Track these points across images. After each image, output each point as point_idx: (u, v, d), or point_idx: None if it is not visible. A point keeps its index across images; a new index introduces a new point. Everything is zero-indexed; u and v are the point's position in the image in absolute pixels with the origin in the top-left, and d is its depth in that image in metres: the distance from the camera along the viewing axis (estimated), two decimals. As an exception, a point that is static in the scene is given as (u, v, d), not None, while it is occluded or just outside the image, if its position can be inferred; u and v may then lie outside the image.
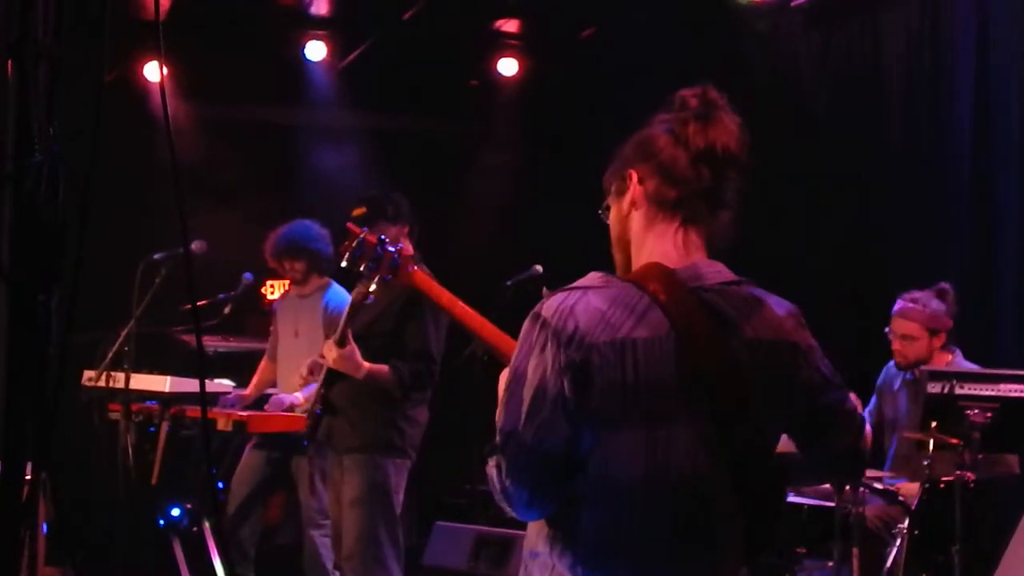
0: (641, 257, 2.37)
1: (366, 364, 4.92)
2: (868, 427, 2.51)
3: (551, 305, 2.25)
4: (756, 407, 2.27)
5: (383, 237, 3.50)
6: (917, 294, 5.59)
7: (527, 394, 2.22)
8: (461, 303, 3.29)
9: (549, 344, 2.21)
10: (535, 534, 2.33)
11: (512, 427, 2.23)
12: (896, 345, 5.59)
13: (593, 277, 2.30)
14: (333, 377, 5.01)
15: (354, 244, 3.48)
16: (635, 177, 2.36)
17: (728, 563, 2.30)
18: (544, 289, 2.36)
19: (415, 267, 3.52)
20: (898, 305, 5.60)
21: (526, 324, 2.28)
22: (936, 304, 5.55)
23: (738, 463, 2.25)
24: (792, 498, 5.35)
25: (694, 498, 2.23)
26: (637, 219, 2.37)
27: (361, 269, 3.50)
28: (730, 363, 2.24)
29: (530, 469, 2.22)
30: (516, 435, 2.22)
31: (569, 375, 2.19)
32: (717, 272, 2.33)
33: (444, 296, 3.37)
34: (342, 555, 5.15)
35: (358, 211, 5.14)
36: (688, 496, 2.23)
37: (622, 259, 2.43)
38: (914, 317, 5.55)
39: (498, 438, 2.25)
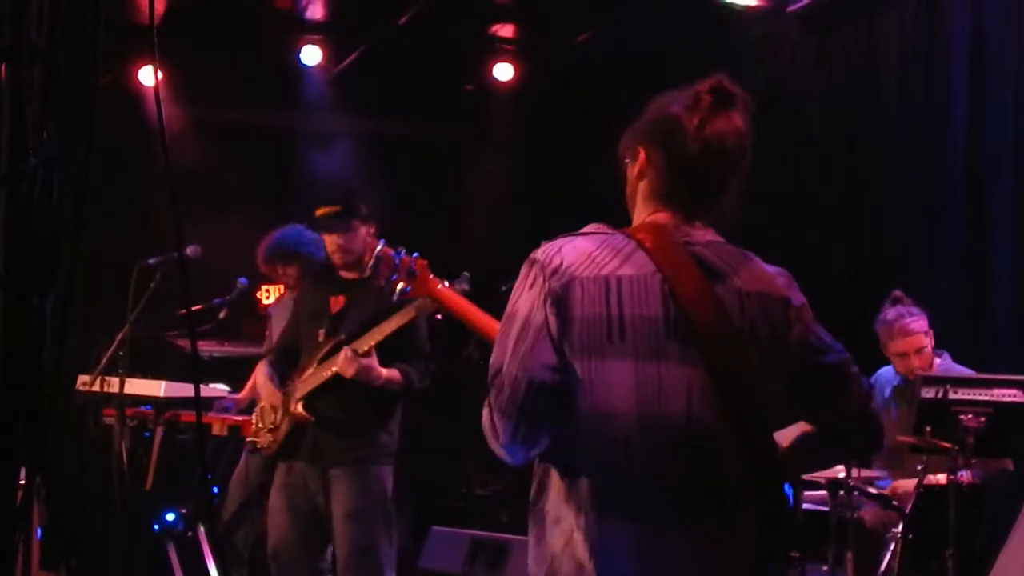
0: (637, 221, 2.45)
1: (384, 371, 4.88)
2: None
3: (543, 248, 2.36)
4: (751, 359, 2.29)
5: (400, 248, 3.53)
6: (899, 309, 5.60)
7: (515, 328, 2.29)
8: (477, 309, 3.32)
9: (538, 279, 2.31)
10: (537, 491, 2.37)
11: (500, 361, 2.29)
12: (914, 362, 5.54)
13: (588, 227, 2.40)
14: (321, 389, 4.99)
15: (374, 259, 3.53)
16: (643, 155, 2.43)
17: (741, 525, 2.29)
18: (542, 242, 2.41)
19: (432, 276, 3.56)
20: (896, 326, 5.57)
21: (522, 269, 2.37)
22: (918, 308, 5.59)
23: (740, 419, 2.27)
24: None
25: (694, 449, 2.25)
26: (642, 189, 2.46)
27: (383, 283, 3.55)
28: (718, 309, 2.29)
29: (515, 399, 2.26)
30: (503, 367, 2.28)
31: (551, 303, 2.27)
32: (706, 233, 2.40)
33: (462, 304, 3.40)
34: (339, 567, 5.07)
35: (329, 210, 5.09)
36: (688, 446, 2.25)
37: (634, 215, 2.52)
38: (917, 328, 5.57)
39: (489, 375, 2.31)
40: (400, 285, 3.50)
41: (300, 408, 5.01)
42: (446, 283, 3.61)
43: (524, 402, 2.26)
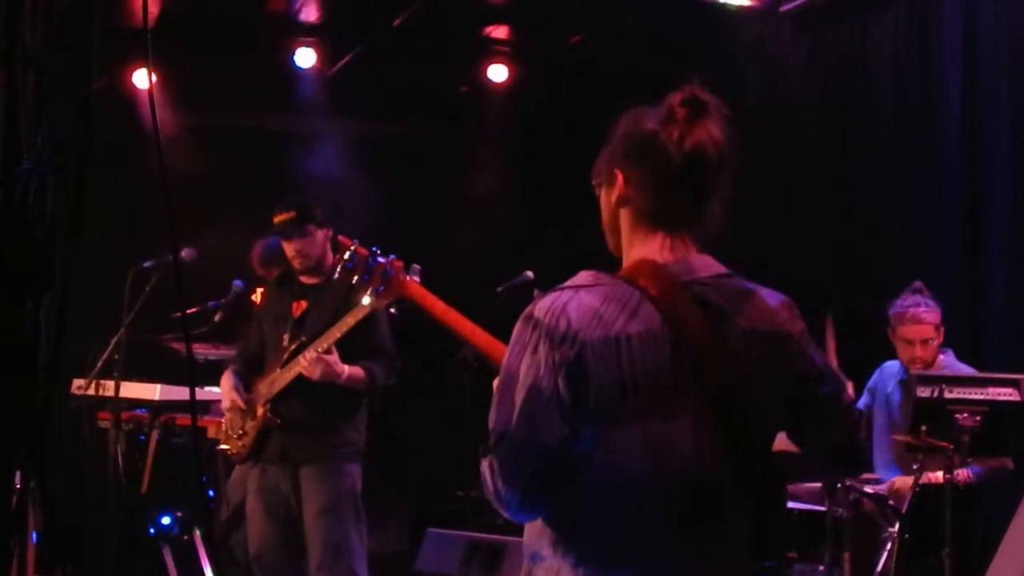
0: (631, 255, 2.37)
1: (346, 369, 4.91)
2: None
3: (543, 305, 2.25)
4: (755, 398, 2.27)
5: (375, 249, 3.50)
6: (916, 298, 5.61)
7: (520, 394, 2.21)
8: (454, 311, 3.28)
9: (542, 344, 2.21)
10: (537, 536, 2.31)
11: (504, 428, 2.22)
12: (918, 352, 5.54)
13: (583, 276, 2.30)
14: (286, 391, 5.00)
15: (346, 256, 3.47)
16: (620, 178, 2.36)
17: (737, 557, 2.28)
18: (535, 291, 2.36)
19: (407, 277, 3.51)
20: (909, 312, 5.58)
21: (518, 326, 2.28)
22: (935, 302, 5.59)
23: (740, 455, 2.25)
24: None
25: (698, 492, 2.23)
26: (624, 216, 2.39)
27: (354, 281, 3.49)
28: (726, 354, 2.25)
29: (522, 470, 2.21)
30: (508, 435, 2.21)
31: (563, 373, 2.18)
32: (708, 265, 2.34)
33: (438, 306, 3.35)
34: (312, 565, 5.09)
35: (285, 216, 5.10)
36: (691, 490, 2.22)
37: (614, 242, 2.44)
38: (929, 319, 5.56)
39: (491, 440, 2.24)
40: (371, 288, 3.45)
41: (266, 412, 5.04)
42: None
43: (533, 474, 2.21)
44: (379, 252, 3.49)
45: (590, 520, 2.24)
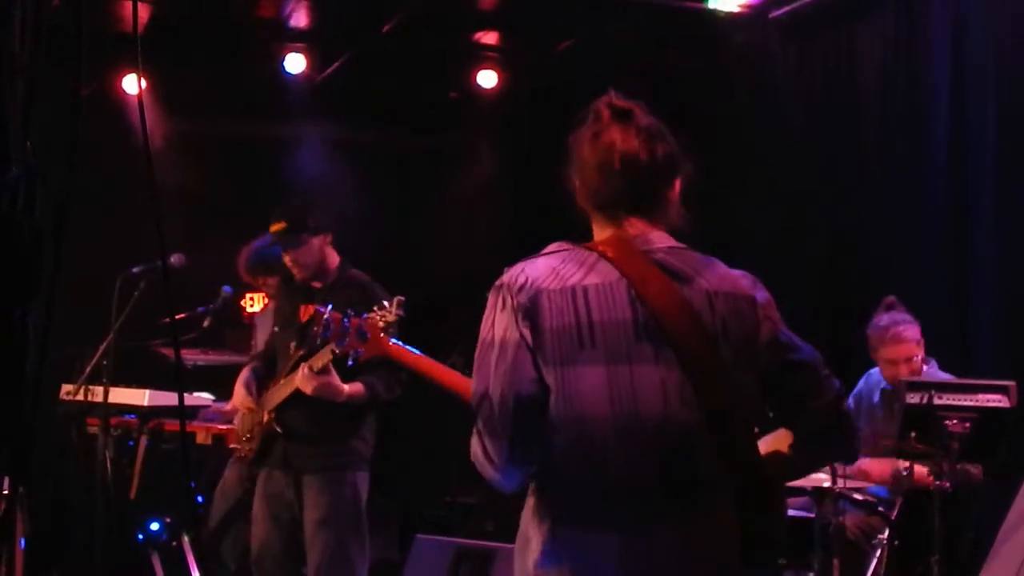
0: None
1: (346, 388, 4.88)
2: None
3: (508, 271, 2.38)
4: (723, 357, 2.30)
5: (349, 311, 3.53)
6: (894, 315, 5.60)
7: (494, 352, 2.29)
8: (439, 365, 3.32)
9: (506, 299, 2.31)
10: (529, 516, 2.35)
11: (483, 386, 2.29)
12: (903, 370, 5.53)
13: (550, 246, 2.43)
14: (289, 400, 4.97)
15: (321, 326, 3.52)
16: (576, 181, 2.50)
17: (722, 521, 2.29)
18: (505, 268, 2.43)
19: (384, 335, 3.54)
20: (890, 332, 5.55)
21: (488, 298, 2.38)
22: (911, 317, 5.59)
23: (716, 420, 2.26)
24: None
25: (672, 447, 2.25)
26: (590, 213, 2.51)
27: (336, 349, 3.56)
28: (688, 310, 2.29)
29: (504, 420, 2.26)
30: (489, 390, 2.28)
31: (522, 316, 2.28)
32: (665, 239, 2.42)
33: (422, 362, 3.39)
34: (310, 573, 5.07)
35: (277, 226, 5.08)
36: (665, 445, 2.24)
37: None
38: (910, 336, 5.56)
39: (473, 403, 2.31)
40: (351, 350, 3.48)
41: (270, 419, 5.02)
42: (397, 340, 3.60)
43: (515, 419, 2.25)
44: (352, 313, 3.52)
45: (558, 474, 2.28)
